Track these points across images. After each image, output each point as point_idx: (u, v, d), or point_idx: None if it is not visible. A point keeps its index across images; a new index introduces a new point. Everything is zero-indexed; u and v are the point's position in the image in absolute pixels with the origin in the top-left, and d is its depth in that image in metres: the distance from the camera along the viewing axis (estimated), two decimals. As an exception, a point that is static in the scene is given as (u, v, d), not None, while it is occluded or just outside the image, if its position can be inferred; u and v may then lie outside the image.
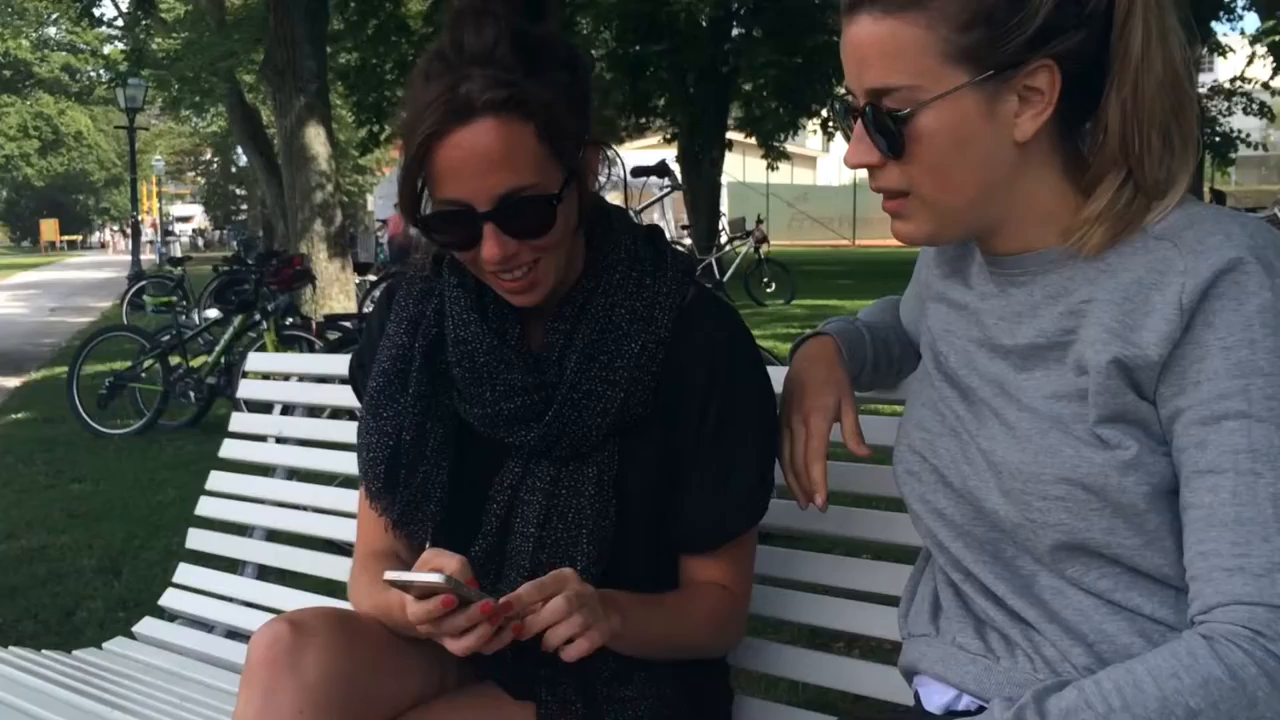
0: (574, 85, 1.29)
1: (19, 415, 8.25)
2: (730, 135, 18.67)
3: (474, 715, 1.41)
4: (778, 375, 1.45)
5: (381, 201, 23.01)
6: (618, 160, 1.44)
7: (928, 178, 1.11)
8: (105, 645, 2.31)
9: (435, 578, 1.12)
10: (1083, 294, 1.11)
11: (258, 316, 7.32)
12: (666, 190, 7.92)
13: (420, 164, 1.24)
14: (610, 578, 1.34)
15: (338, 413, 2.99)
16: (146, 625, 2.36)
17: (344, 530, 2.24)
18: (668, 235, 1.57)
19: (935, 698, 1.25)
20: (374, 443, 1.41)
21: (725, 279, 13.32)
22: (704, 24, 15.22)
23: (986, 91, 1.07)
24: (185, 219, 48.89)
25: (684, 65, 15.88)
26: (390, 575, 1.15)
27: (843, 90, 1.17)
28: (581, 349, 1.34)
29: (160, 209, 48.50)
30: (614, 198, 1.51)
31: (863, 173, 1.20)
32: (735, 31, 16.61)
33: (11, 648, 2.22)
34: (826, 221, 34.43)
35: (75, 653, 2.25)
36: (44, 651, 2.23)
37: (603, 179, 1.39)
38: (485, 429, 1.38)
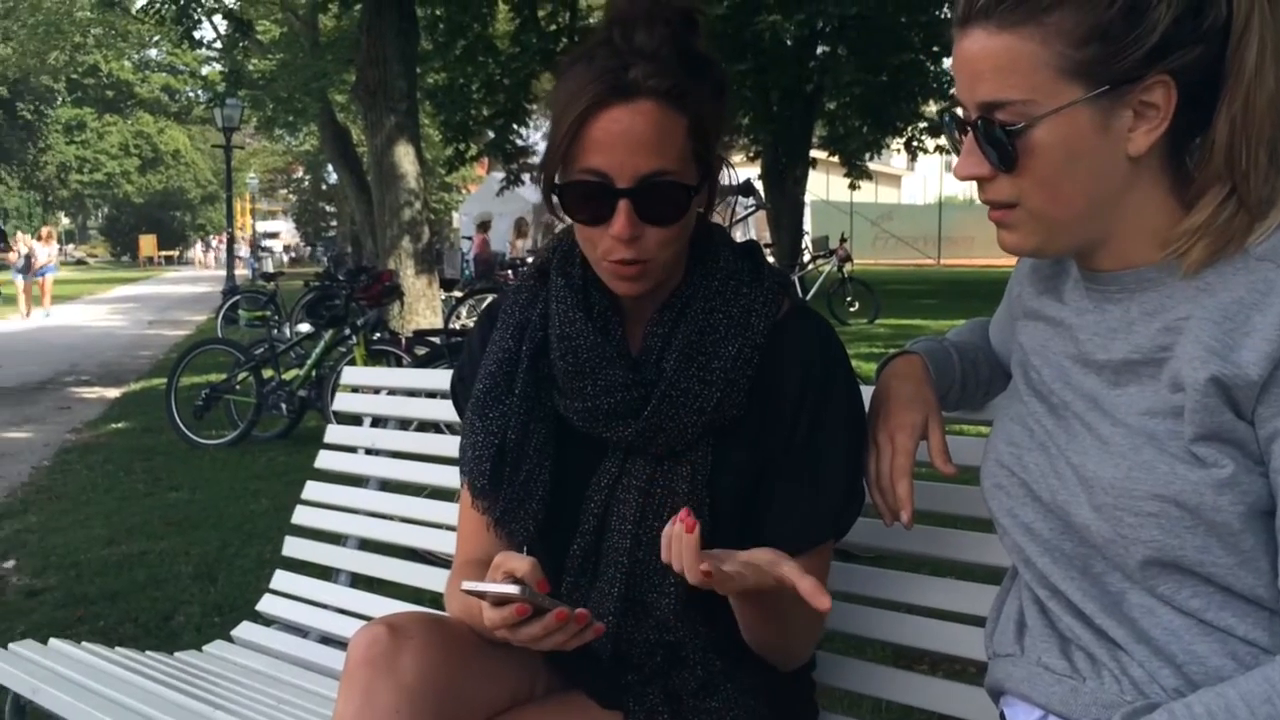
0: (719, 99, 1.36)
1: (119, 425, 8.50)
2: (814, 154, 18.58)
3: None
4: (864, 393, 1.46)
5: (467, 219, 23.31)
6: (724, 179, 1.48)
7: (1038, 191, 1.12)
8: (205, 648, 2.39)
9: (510, 588, 1.16)
10: (1180, 311, 1.10)
11: (348, 331, 7.46)
12: (751, 209, 7.92)
13: (575, 132, 1.28)
14: None
15: (425, 426, 3.05)
16: (244, 629, 2.43)
17: (434, 540, 2.29)
18: None
19: (1021, 717, 1.24)
20: (479, 442, 1.45)
21: (808, 298, 13.25)
22: (789, 43, 15.15)
23: (1101, 106, 1.07)
24: (272, 235, 49.95)
25: (768, 84, 15.83)
26: (467, 585, 1.19)
27: (930, 108, 1.18)
28: (680, 349, 1.37)
29: (253, 226, 49.65)
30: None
31: (948, 191, 1.21)
32: (820, 50, 16.52)
33: (118, 648, 2.30)
34: (911, 240, 34.07)
35: (177, 654, 2.33)
36: (148, 653, 2.31)
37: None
38: (585, 425, 1.41)
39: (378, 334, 7.60)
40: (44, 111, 49.11)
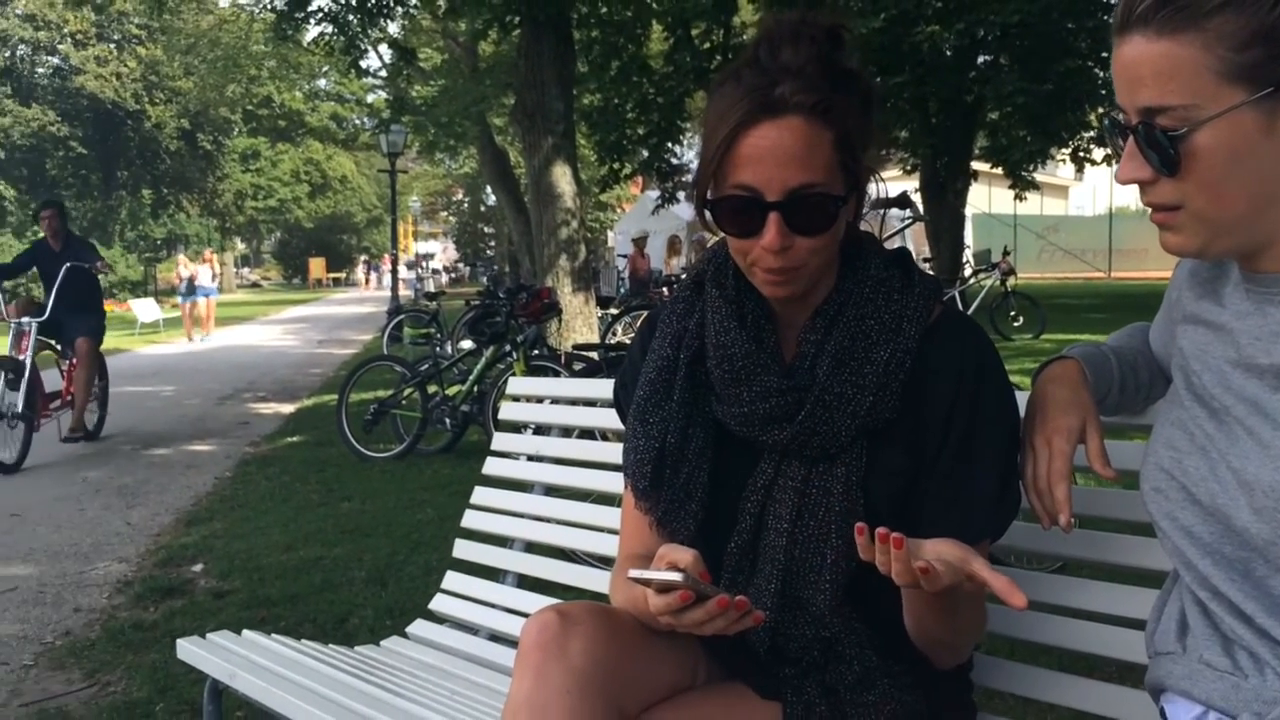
0: (867, 112, 1.39)
1: (294, 439, 8.87)
2: (975, 165, 18.20)
3: (723, 709, 1.48)
4: (1021, 399, 1.47)
5: (622, 237, 23.57)
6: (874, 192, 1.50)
7: (1202, 194, 1.12)
8: (382, 643, 2.51)
9: (673, 575, 1.21)
10: None
11: (508, 347, 7.64)
12: (908, 221, 7.83)
13: (725, 149, 1.33)
14: (859, 577, 1.39)
15: (586, 433, 3.12)
16: (418, 626, 2.54)
17: (594, 542, 2.35)
18: None
19: (1182, 714, 1.24)
20: (641, 445, 1.51)
21: (970, 312, 12.97)
22: (948, 53, 14.89)
23: (1265, 109, 1.07)
24: (427, 256, 51.37)
25: (927, 96, 15.60)
26: (634, 573, 1.25)
27: (1083, 113, 1.17)
28: (833, 355, 1.41)
29: (414, 248, 51.21)
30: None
31: (1119, 201, 1.21)
32: (981, 59, 16.18)
33: (304, 640, 2.43)
34: (1079, 253, 32.93)
35: (357, 648, 2.45)
36: (330, 645, 2.43)
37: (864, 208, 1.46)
38: (741, 429, 1.45)
39: (537, 350, 7.74)
40: (222, 142, 51.65)
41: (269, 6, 16.71)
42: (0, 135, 41.90)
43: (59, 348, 8.75)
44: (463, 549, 2.62)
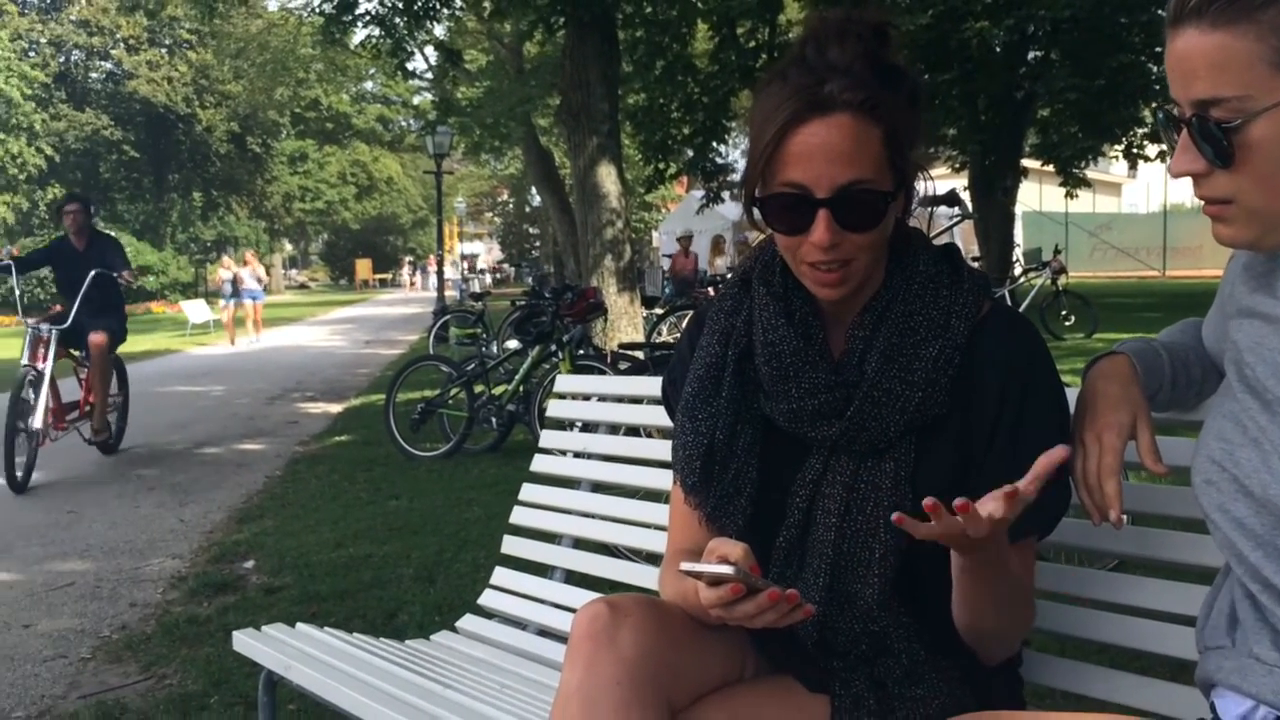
0: (914, 109, 1.40)
1: (342, 438, 8.95)
2: (1026, 163, 18.02)
3: (772, 701, 1.49)
4: (1072, 396, 1.46)
5: (667, 237, 23.58)
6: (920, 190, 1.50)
7: (1256, 186, 1.11)
8: (432, 637, 2.53)
9: (725, 569, 1.21)
10: None
11: (554, 347, 7.66)
12: (956, 219, 7.74)
13: (774, 147, 1.33)
14: (907, 572, 1.40)
15: (632, 430, 3.13)
16: (468, 621, 2.56)
17: (643, 539, 2.35)
18: None
19: (1232, 709, 1.22)
20: (690, 442, 1.51)
21: (1020, 311, 12.84)
22: (998, 49, 14.76)
23: None
24: (471, 257, 51.62)
25: (976, 92, 15.46)
26: (685, 566, 1.25)
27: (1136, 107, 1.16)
28: (882, 351, 1.41)
29: (458, 249, 51.52)
30: None
31: (1174, 198, 1.20)
32: (1031, 55, 16.01)
33: (355, 634, 2.46)
34: (1133, 251, 32.48)
35: (407, 642, 2.47)
36: (381, 639, 2.45)
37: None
38: (790, 425, 1.45)
39: (582, 349, 7.77)
40: (270, 144, 52.26)
41: (317, 10, 16.87)
42: (55, 139, 42.61)
43: (79, 355, 8.09)
44: (511, 545, 2.63)
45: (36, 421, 7.13)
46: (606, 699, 1.33)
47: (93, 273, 7.65)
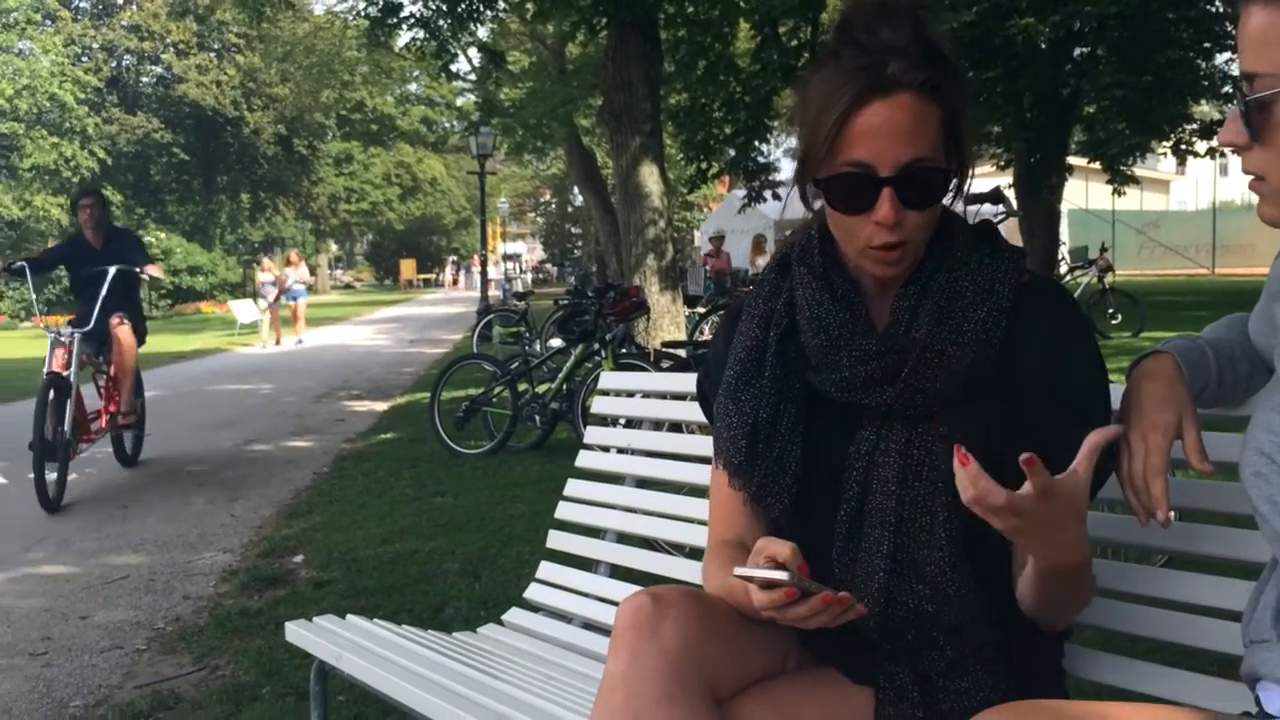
0: (965, 91, 1.44)
1: (388, 435, 9.05)
2: (1072, 160, 17.81)
3: (816, 693, 1.50)
4: (1117, 394, 1.46)
5: (707, 236, 23.56)
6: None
7: (1277, 165, 1.11)
8: (479, 630, 2.57)
9: (779, 574, 1.24)
10: None
11: (596, 346, 7.71)
12: (1001, 217, 7.70)
13: (838, 127, 1.36)
14: (968, 543, 1.41)
15: (675, 427, 3.15)
16: (514, 614, 2.60)
17: (687, 534, 2.38)
18: None
19: (1276, 702, 1.21)
20: (734, 423, 1.53)
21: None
22: (1043, 46, 14.59)
23: None
24: (513, 257, 51.77)
25: (1021, 90, 15.30)
26: (739, 571, 1.28)
27: (1201, 108, 1.18)
28: (931, 314, 1.43)
29: (500, 248, 51.69)
30: None
31: (1224, 195, 1.21)
32: (1077, 51, 15.82)
33: (404, 625, 2.51)
34: (1181, 249, 32.00)
35: (455, 634, 2.52)
36: (429, 631, 2.50)
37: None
38: (843, 395, 1.47)
39: (625, 348, 7.80)
40: (316, 146, 52.75)
41: (362, 13, 17.02)
42: (107, 142, 43.26)
43: (100, 360, 7.45)
44: (556, 540, 2.67)
45: (66, 430, 6.53)
46: (649, 689, 1.35)
47: (113, 269, 7.11)
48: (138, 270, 7.30)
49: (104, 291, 7.09)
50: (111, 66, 45.96)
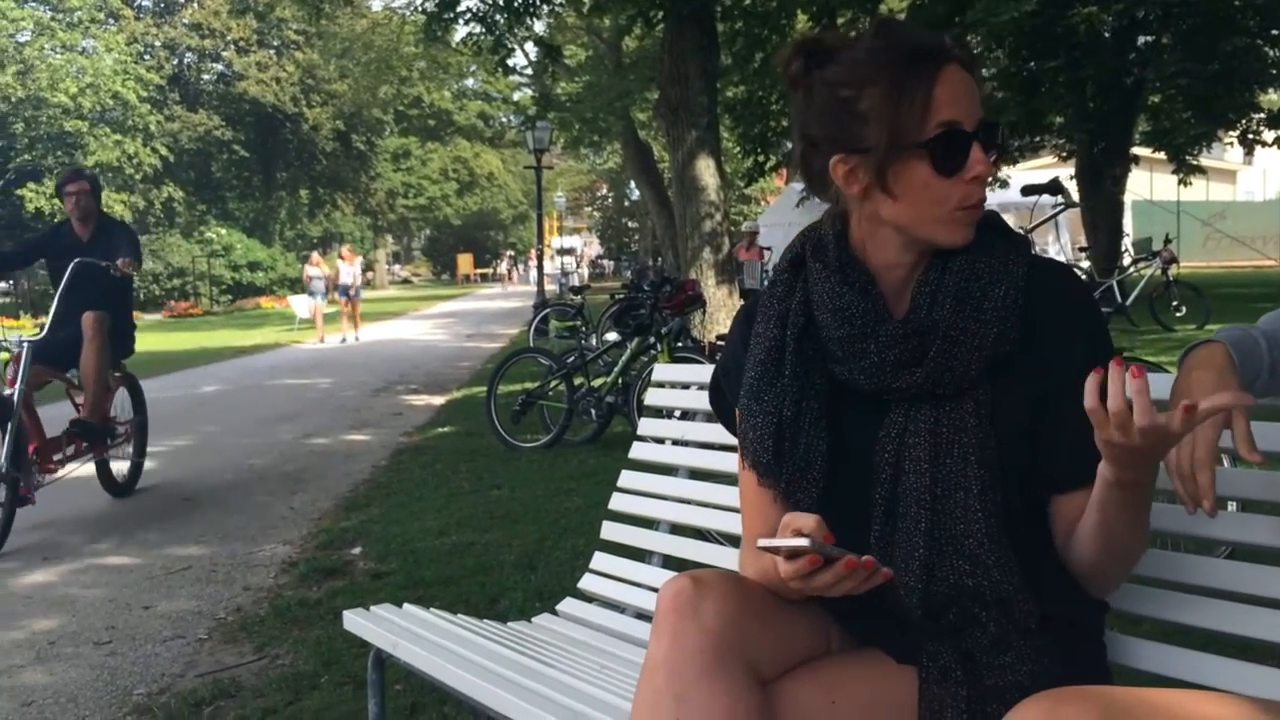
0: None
1: (445, 429, 9.12)
2: (1136, 150, 17.54)
3: (860, 673, 1.51)
4: (1166, 382, 1.45)
5: (766, 230, 23.46)
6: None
7: None
8: (533, 619, 2.59)
9: (801, 541, 1.26)
10: None
11: (652, 339, 7.70)
12: (1059, 208, 7.58)
13: (927, 92, 1.41)
14: (1004, 508, 1.44)
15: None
16: (568, 604, 2.61)
17: (738, 524, 2.36)
18: (1064, 257, 1.65)
19: None
20: (759, 423, 1.56)
21: (1128, 302, 12.51)
22: (1106, 35, 14.37)
23: None
24: (567, 251, 52.04)
25: (1084, 80, 15.08)
26: (762, 542, 1.31)
27: (1270, 96, 1.15)
28: (953, 295, 1.47)
29: (554, 243, 51.86)
30: (1010, 219, 1.59)
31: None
32: (1141, 40, 15.56)
33: (459, 614, 2.53)
34: (1249, 240, 31.34)
35: (509, 624, 2.54)
36: (484, 620, 2.52)
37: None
38: (872, 382, 1.50)
39: (681, 341, 7.80)
40: (374, 142, 53.29)
41: (419, 9, 17.17)
42: (169, 140, 44.02)
43: (71, 376, 6.24)
44: (610, 530, 2.68)
45: (3, 460, 5.30)
46: (691, 667, 1.37)
47: (74, 262, 5.95)
48: (105, 265, 5.93)
49: (61, 287, 6.00)
50: (173, 64, 46.76)
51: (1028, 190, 6.30)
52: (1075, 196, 9.52)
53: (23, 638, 4.06)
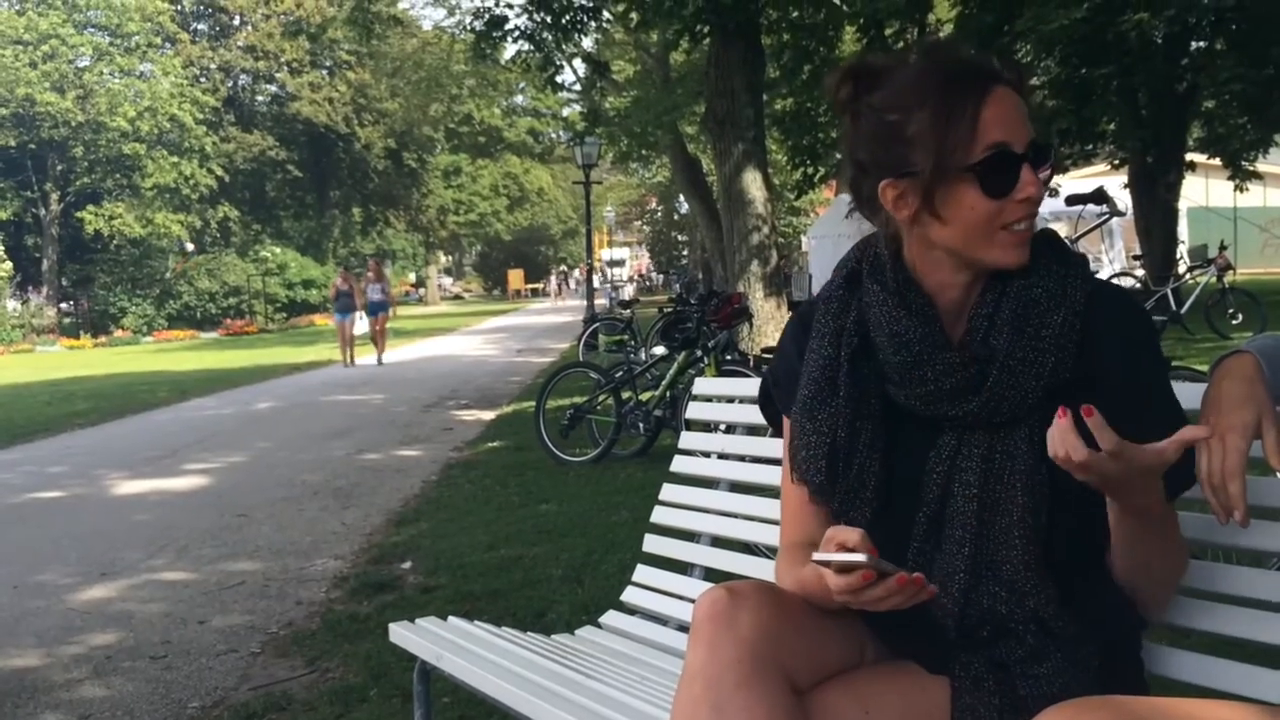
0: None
1: (494, 444, 9.18)
2: (1191, 157, 17.28)
3: (895, 683, 1.52)
4: (1196, 392, 1.45)
5: (815, 241, 23.37)
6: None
7: None
8: (577, 632, 2.61)
9: (857, 557, 1.28)
10: None
11: (700, 353, 7.70)
12: (1105, 217, 7.51)
13: (975, 114, 1.41)
14: (1047, 534, 1.44)
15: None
16: (610, 617, 2.62)
17: (779, 537, 2.38)
18: (1118, 265, 1.64)
19: None
20: (812, 443, 1.56)
21: (1184, 310, 12.34)
22: (1158, 41, 14.18)
23: None
24: (616, 263, 51.89)
25: (1136, 86, 14.89)
26: (817, 556, 1.32)
27: None
28: (1010, 323, 1.45)
29: (602, 258, 51.96)
30: (1059, 228, 1.59)
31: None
32: (1194, 45, 15.35)
33: (504, 627, 2.56)
34: (1307, 246, 30.82)
35: (553, 636, 2.56)
36: (528, 633, 2.54)
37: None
38: (928, 408, 1.50)
39: (728, 354, 7.79)
40: (425, 159, 53.77)
41: (469, 27, 17.34)
42: (225, 160, 44.72)
43: None
44: (652, 543, 2.69)
45: None
46: (728, 677, 1.39)
47: None
48: None
49: None
50: (228, 86, 47.55)
51: (1073, 200, 6.26)
52: (1125, 205, 9.41)
53: (81, 652, 4.15)
